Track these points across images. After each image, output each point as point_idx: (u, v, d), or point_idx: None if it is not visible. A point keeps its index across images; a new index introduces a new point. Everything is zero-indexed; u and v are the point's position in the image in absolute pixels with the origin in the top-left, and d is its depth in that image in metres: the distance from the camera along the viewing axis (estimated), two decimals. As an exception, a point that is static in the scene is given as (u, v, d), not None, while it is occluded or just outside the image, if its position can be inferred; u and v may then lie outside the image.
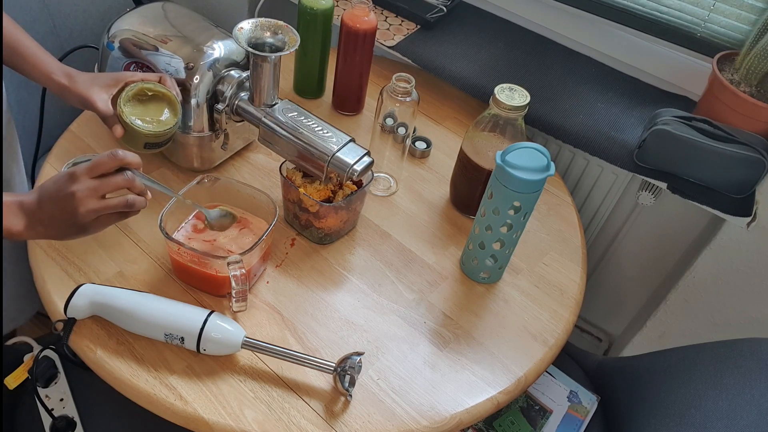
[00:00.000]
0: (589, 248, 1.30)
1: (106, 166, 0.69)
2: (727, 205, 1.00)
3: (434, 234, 0.96)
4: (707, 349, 0.85)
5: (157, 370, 0.73)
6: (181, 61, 0.88)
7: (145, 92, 0.83)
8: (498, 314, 0.87)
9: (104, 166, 0.68)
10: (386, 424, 0.72)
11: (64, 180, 0.68)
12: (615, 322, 1.42)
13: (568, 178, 1.22)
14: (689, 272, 1.13)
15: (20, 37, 0.83)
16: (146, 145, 0.84)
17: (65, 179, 0.68)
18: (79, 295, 0.75)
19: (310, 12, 1.05)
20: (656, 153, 1.01)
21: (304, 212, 0.88)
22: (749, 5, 1.05)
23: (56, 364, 0.87)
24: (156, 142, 0.84)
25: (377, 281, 0.88)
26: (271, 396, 0.73)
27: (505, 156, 0.78)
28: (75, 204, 0.67)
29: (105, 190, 0.69)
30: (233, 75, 0.89)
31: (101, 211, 0.69)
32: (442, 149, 1.11)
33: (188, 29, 0.92)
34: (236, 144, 1.00)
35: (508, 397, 0.78)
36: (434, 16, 1.25)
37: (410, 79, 0.91)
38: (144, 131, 0.81)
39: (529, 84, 1.11)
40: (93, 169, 0.68)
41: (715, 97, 1.02)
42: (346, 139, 0.85)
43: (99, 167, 0.68)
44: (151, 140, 0.83)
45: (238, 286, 0.75)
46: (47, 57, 0.83)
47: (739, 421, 0.71)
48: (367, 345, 0.80)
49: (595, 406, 0.97)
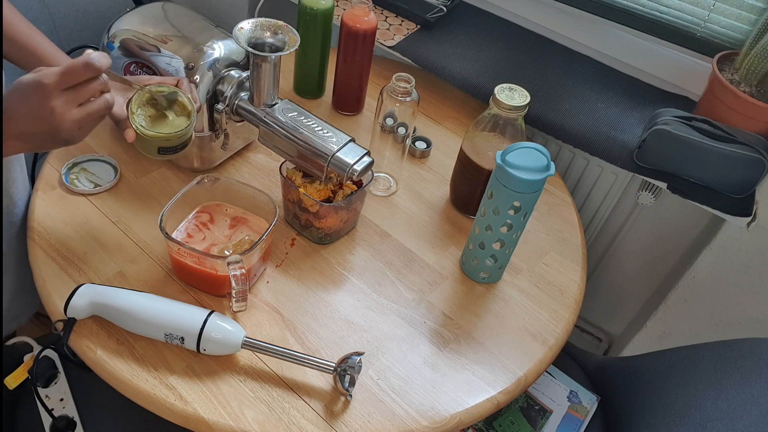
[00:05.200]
0: (589, 248, 1.30)
1: (80, 77, 0.65)
2: (727, 205, 1.00)
3: (434, 234, 0.96)
4: (707, 349, 0.85)
5: (157, 370, 0.73)
6: (181, 61, 0.88)
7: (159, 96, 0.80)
8: (498, 314, 0.87)
9: (79, 76, 0.65)
10: (386, 424, 0.72)
11: (37, 96, 0.64)
12: (615, 322, 1.42)
13: (568, 178, 1.22)
14: (689, 272, 1.13)
15: (38, 40, 0.82)
16: (160, 150, 0.82)
17: (37, 95, 0.64)
18: (79, 295, 0.75)
19: (310, 12, 1.05)
20: (656, 153, 1.01)
21: (304, 212, 0.88)
22: (749, 5, 1.05)
23: (56, 364, 0.87)
24: (169, 147, 0.82)
25: (377, 281, 0.88)
26: (271, 396, 0.73)
27: (505, 156, 0.78)
28: (57, 120, 0.65)
29: (83, 99, 0.67)
30: (233, 75, 0.89)
31: (85, 120, 0.67)
32: (442, 149, 1.11)
33: (188, 29, 0.92)
34: (236, 144, 1.00)
35: (508, 397, 0.78)
36: (434, 16, 1.25)
37: (410, 79, 0.91)
38: (150, 135, 0.78)
39: (529, 84, 1.11)
40: (66, 79, 0.65)
41: (715, 97, 1.02)
42: (346, 139, 0.85)
43: (72, 77, 0.65)
44: (163, 144, 0.81)
45: (238, 286, 0.75)
46: (63, 57, 0.83)
47: (739, 421, 0.71)
48: (367, 345, 0.80)
49: (595, 406, 0.97)
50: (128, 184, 0.94)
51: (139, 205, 0.92)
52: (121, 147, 0.99)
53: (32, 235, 0.85)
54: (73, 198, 0.91)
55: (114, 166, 0.96)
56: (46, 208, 0.89)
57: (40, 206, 0.89)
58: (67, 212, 0.89)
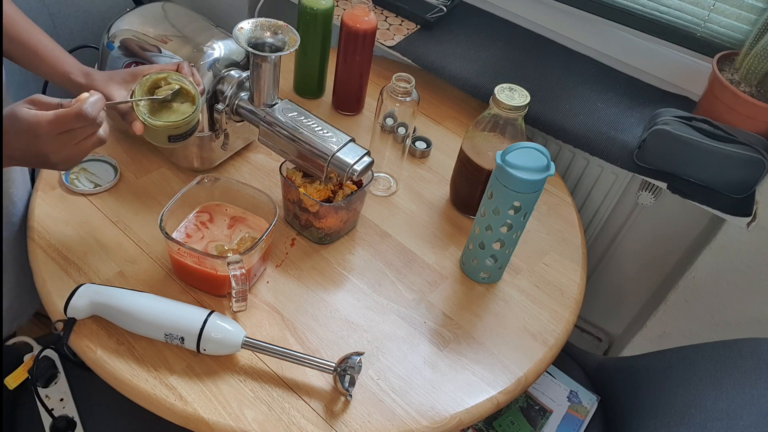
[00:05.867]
0: (589, 248, 1.30)
1: (73, 126, 0.66)
2: (727, 205, 1.00)
3: (434, 234, 0.96)
4: (707, 349, 0.85)
5: (157, 370, 0.73)
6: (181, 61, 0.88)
7: (160, 84, 0.79)
8: (498, 314, 0.87)
9: (71, 125, 0.66)
10: (386, 424, 0.72)
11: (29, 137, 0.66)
12: (615, 322, 1.42)
13: (568, 178, 1.22)
14: (689, 272, 1.13)
15: (40, 38, 0.81)
16: (170, 139, 0.80)
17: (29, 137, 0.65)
18: (79, 295, 0.75)
19: (310, 12, 1.05)
20: (656, 153, 1.01)
21: (304, 212, 0.88)
22: (749, 5, 1.05)
23: (56, 364, 0.87)
24: (179, 134, 0.80)
25: (377, 281, 0.88)
26: (271, 396, 0.73)
27: (505, 156, 0.78)
28: (48, 158, 0.68)
29: (76, 141, 0.68)
30: (233, 75, 0.89)
31: (76, 156, 0.70)
32: (442, 149, 1.11)
33: (188, 29, 0.92)
34: (236, 144, 1.00)
35: (508, 397, 0.78)
36: (434, 16, 1.25)
37: (410, 79, 0.91)
38: (158, 125, 0.77)
39: (529, 84, 1.11)
40: (58, 128, 0.66)
41: (715, 97, 1.02)
42: (346, 139, 0.85)
43: (65, 126, 0.66)
44: (172, 132, 0.79)
45: (238, 286, 0.75)
46: (65, 56, 0.82)
47: (739, 421, 0.71)
48: (367, 345, 0.80)
49: (595, 406, 0.97)
50: (128, 184, 0.95)
51: (139, 205, 0.92)
52: (121, 147, 0.99)
53: (32, 235, 0.85)
54: (73, 198, 0.91)
55: (114, 166, 0.96)
56: (46, 208, 0.89)
57: (40, 206, 0.89)
58: (67, 212, 0.89)
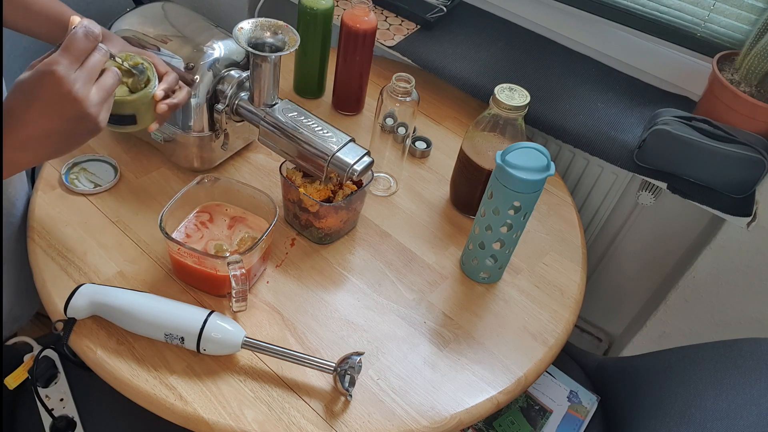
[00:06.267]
0: (589, 248, 1.30)
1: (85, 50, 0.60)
2: (727, 205, 1.00)
3: (434, 234, 0.96)
4: (707, 349, 0.85)
5: (157, 370, 0.73)
6: (181, 61, 0.88)
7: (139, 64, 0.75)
8: (498, 314, 0.87)
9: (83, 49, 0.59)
10: (386, 424, 0.72)
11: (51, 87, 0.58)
12: (615, 322, 1.42)
13: (568, 178, 1.22)
14: (689, 272, 1.13)
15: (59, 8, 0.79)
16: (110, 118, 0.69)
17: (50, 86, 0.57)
18: (79, 295, 0.75)
19: (310, 12, 1.05)
20: (656, 153, 1.01)
21: (304, 212, 0.88)
22: (749, 5, 1.05)
23: (56, 364, 0.87)
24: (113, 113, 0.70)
25: (377, 281, 0.88)
26: (271, 396, 0.73)
27: (505, 156, 0.78)
28: (81, 105, 0.59)
29: (96, 74, 0.61)
30: (233, 75, 0.89)
31: (105, 98, 0.62)
32: (442, 149, 1.11)
33: (188, 29, 0.92)
34: (236, 144, 1.00)
35: (508, 397, 0.78)
36: (434, 16, 1.25)
37: (410, 79, 0.91)
38: None
39: (529, 84, 1.11)
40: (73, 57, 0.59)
41: (715, 97, 1.02)
42: (346, 139, 0.85)
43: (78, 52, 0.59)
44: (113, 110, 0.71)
45: (238, 286, 0.75)
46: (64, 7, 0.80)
47: (739, 421, 0.71)
48: (367, 345, 0.80)
49: (595, 406, 0.97)
50: (128, 184, 0.95)
51: (139, 205, 0.92)
52: (121, 147, 0.99)
53: (32, 235, 0.85)
54: (73, 198, 0.91)
55: (114, 166, 0.96)
56: (46, 208, 0.89)
57: (40, 206, 0.89)
58: (67, 212, 0.89)
